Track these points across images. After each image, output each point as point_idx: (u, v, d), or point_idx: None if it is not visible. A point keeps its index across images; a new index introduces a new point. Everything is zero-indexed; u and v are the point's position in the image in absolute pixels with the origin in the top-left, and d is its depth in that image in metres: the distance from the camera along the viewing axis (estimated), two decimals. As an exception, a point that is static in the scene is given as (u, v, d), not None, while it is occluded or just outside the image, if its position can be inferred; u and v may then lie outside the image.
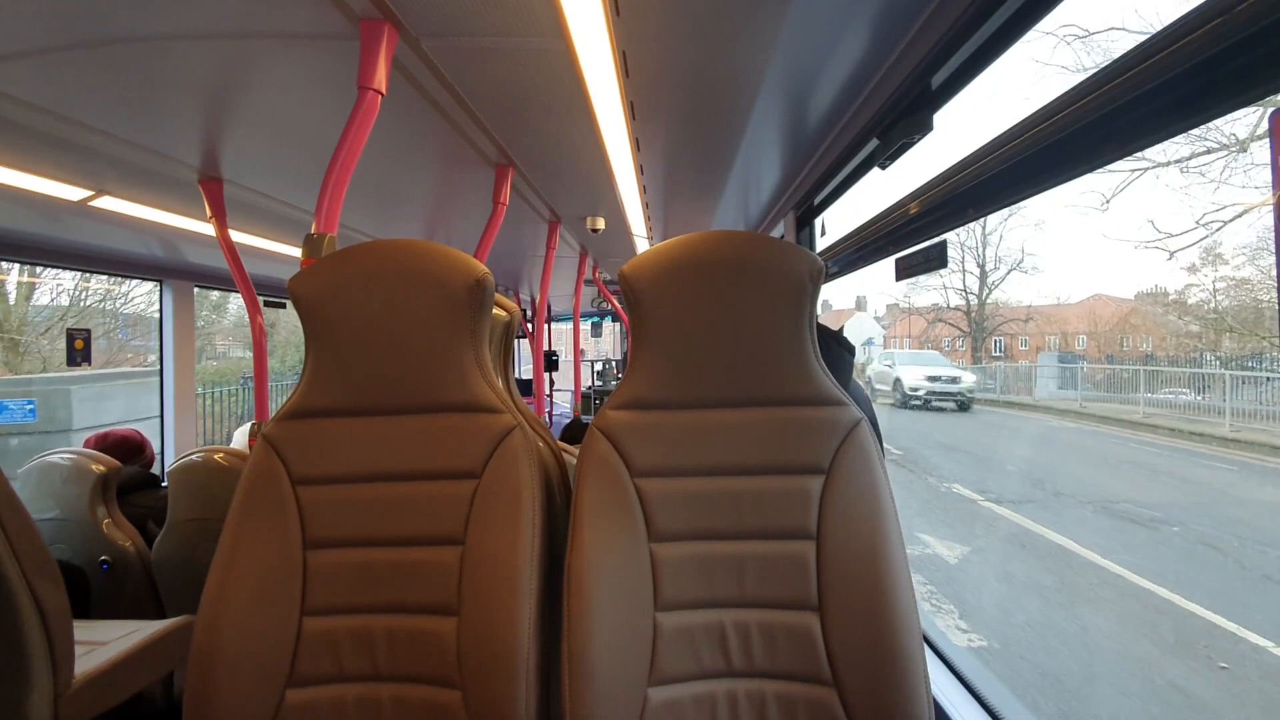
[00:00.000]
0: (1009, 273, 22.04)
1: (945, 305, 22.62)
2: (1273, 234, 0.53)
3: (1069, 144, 0.80)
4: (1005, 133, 0.91)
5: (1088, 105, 0.74)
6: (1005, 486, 6.55)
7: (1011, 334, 21.82)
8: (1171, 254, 13.32)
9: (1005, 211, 21.54)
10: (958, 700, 1.30)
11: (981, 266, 22.01)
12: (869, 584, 0.83)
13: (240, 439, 2.53)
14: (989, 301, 21.91)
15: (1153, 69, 0.64)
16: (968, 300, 22.16)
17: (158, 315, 2.83)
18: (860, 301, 29.85)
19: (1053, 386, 13.96)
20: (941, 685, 1.34)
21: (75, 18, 1.00)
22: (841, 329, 1.28)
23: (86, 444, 2.19)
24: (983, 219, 21.16)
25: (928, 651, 1.24)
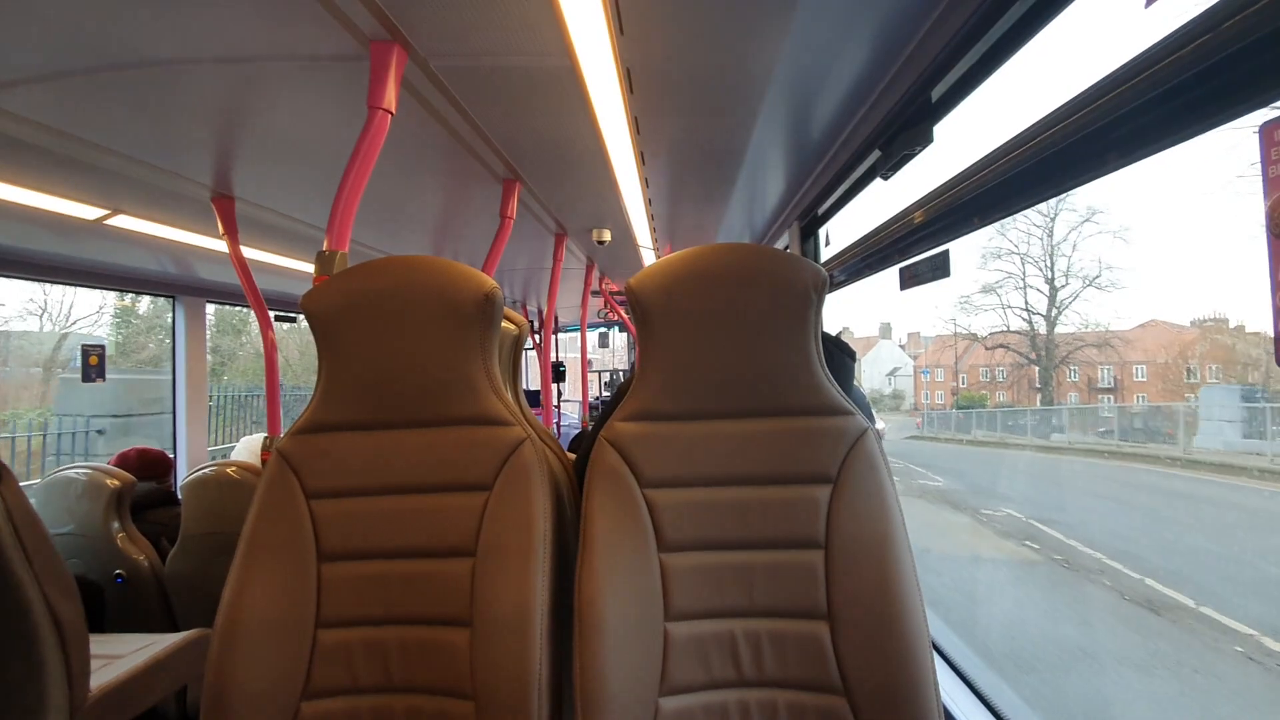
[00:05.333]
0: (1085, 287, 18.34)
1: (1005, 328, 19.08)
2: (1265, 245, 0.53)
3: (1071, 153, 0.81)
4: (1008, 142, 0.92)
5: (1090, 114, 0.75)
6: None
7: (1077, 363, 18.00)
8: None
9: (1078, 217, 18.54)
10: (968, 707, 1.29)
11: (1050, 282, 18.47)
12: (878, 592, 0.83)
13: (244, 450, 2.54)
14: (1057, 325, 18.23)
15: (1153, 78, 0.65)
16: (1031, 323, 18.58)
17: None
18: (884, 329, 27.79)
19: (1230, 433, 9.51)
20: (951, 692, 1.33)
21: (90, 43, 1.03)
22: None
23: (118, 458, 2.21)
24: (1050, 226, 18.20)
25: (937, 658, 1.23)
